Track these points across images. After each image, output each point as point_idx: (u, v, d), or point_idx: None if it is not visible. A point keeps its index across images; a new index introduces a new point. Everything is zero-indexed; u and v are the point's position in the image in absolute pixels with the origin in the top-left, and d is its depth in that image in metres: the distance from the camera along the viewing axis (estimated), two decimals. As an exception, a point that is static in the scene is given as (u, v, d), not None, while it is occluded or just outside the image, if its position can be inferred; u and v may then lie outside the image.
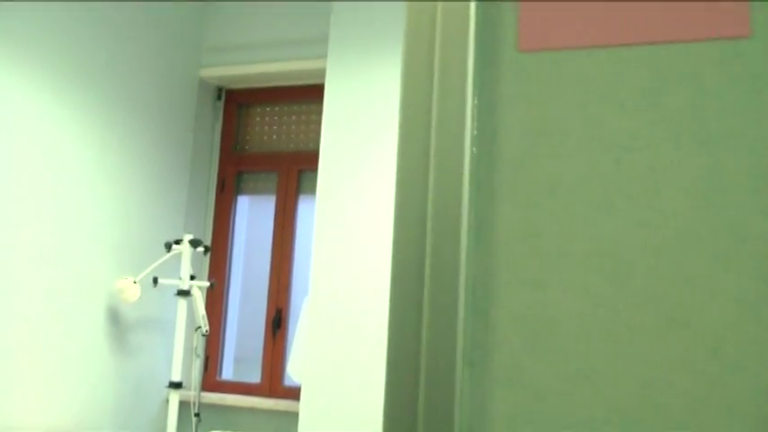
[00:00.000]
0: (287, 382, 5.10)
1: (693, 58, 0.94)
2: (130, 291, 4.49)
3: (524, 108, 0.95)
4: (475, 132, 0.96)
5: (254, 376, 5.21)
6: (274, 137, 5.38)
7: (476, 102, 0.96)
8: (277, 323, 5.14)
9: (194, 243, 4.62)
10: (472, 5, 0.96)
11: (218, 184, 5.41)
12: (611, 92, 0.95)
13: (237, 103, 5.49)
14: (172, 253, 4.62)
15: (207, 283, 4.75)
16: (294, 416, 4.80)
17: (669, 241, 0.91)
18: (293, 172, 5.28)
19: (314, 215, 4.99)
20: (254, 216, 5.52)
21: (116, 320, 4.66)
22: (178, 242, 4.64)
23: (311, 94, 5.28)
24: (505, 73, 0.96)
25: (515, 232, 0.94)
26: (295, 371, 4.88)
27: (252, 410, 5.00)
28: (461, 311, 0.94)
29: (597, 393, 0.90)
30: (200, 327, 4.64)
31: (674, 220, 0.91)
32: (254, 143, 5.44)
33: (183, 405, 4.62)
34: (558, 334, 0.92)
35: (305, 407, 4.55)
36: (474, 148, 0.95)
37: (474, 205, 0.96)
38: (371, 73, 4.62)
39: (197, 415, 4.63)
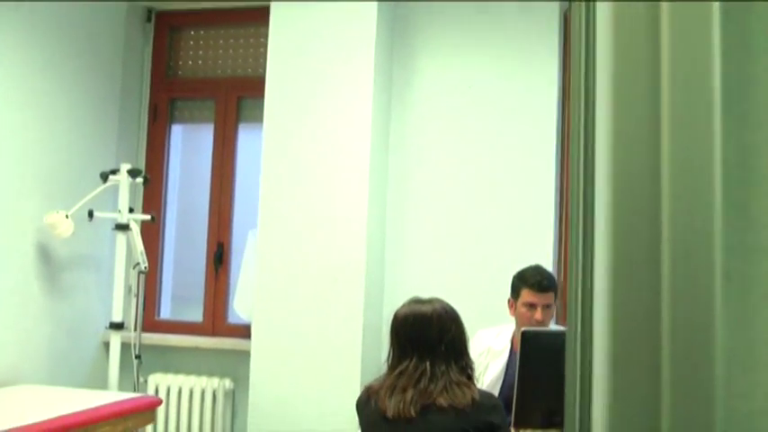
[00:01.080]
0: (231, 320, 4.86)
1: None
2: (63, 226, 4.14)
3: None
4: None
5: (195, 315, 4.94)
6: (210, 62, 5.04)
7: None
8: (219, 258, 4.88)
9: (133, 173, 4.29)
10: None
11: (150, 112, 5.05)
12: None
13: (169, 25, 5.11)
14: (108, 184, 4.28)
15: (147, 217, 4.44)
16: (240, 354, 4.58)
17: None
18: (232, 99, 4.96)
19: (254, 144, 4.72)
20: (190, 146, 5.20)
21: (47, 259, 4.32)
22: (114, 172, 4.30)
23: (250, 16, 4.94)
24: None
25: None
26: (242, 307, 4.65)
27: (195, 350, 4.75)
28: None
29: None
30: (138, 264, 4.34)
31: None
32: (189, 68, 5.09)
33: (122, 348, 4.34)
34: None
35: (256, 345, 4.33)
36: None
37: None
38: (321, -10, 4.33)
39: (138, 357, 4.36)
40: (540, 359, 2.83)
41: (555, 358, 2.91)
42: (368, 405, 2.46)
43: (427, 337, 2.42)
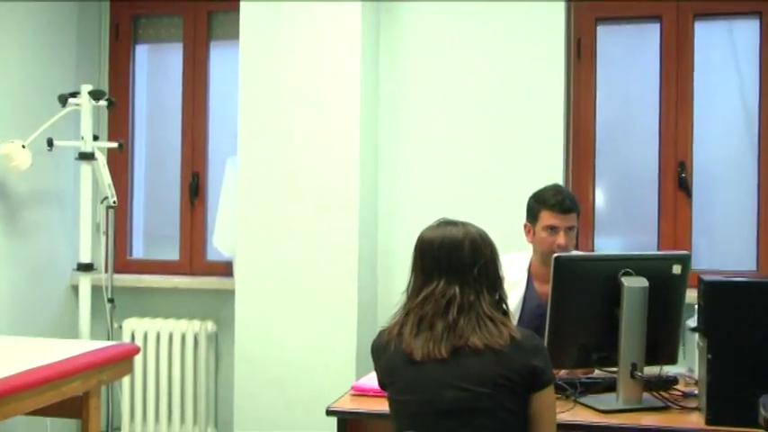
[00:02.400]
0: (210, 257, 4.47)
1: None
2: (19, 157, 3.71)
3: None
4: None
5: (170, 253, 4.53)
6: (175, -27, 4.53)
7: None
8: (194, 190, 4.46)
9: (95, 95, 3.83)
10: None
11: (111, 31, 4.56)
12: None
13: (128, -69, 4.58)
14: (68, 108, 3.82)
15: (114, 144, 4.00)
16: (222, 294, 4.19)
17: None
18: (201, 14, 4.48)
19: (229, 64, 4.29)
20: (157, 68, 4.72)
21: (4, 195, 3.89)
22: (74, 95, 3.84)
23: None
24: None
25: None
26: (222, 243, 4.25)
27: (173, 291, 4.35)
28: None
29: None
30: (106, 197, 3.92)
31: None
32: (152, -19, 4.57)
33: (93, 291, 3.93)
34: None
35: (241, 283, 3.94)
36: None
37: None
38: None
39: (110, 301, 3.97)
40: (575, 289, 2.47)
41: (592, 288, 2.56)
42: (387, 349, 2.08)
43: (458, 259, 2.05)
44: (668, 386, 2.59)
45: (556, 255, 2.47)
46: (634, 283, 2.40)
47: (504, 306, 2.09)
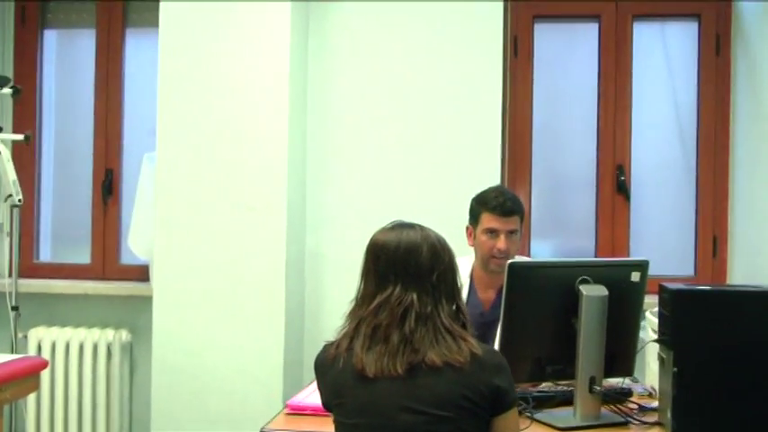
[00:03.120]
0: (124, 260, 4.17)
1: None
2: None
3: None
4: None
5: (81, 256, 4.21)
6: (87, -46, 4.21)
7: None
8: (108, 188, 4.15)
9: (-2, 82, 3.50)
10: None
11: (17, 14, 4.21)
12: None
13: None
14: (-33, 97, 3.48)
15: (19, 136, 3.67)
16: (138, 300, 3.90)
17: None
18: (117, -1, 4.18)
19: (147, 53, 4.02)
20: (67, 55, 4.38)
21: None
22: (-25, 83, 3.50)
23: None
24: None
25: None
26: (138, 245, 3.96)
27: (84, 297, 4.03)
28: None
29: None
30: (10, 195, 3.59)
31: None
32: (62, -38, 4.24)
33: (-7, 296, 3.62)
34: None
35: (158, 288, 3.66)
36: None
37: None
38: None
39: (15, 309, 3.65)
40: (529, 298, 2.30)
41: (548, 297, 2.39)
42: (334, 365, 1.87)
43: (416, 264, 1.85)
44: (623, 399, 2.45)
45: (510, 261, 2.30)
46: (593, 292, 2.25)
47: (462, 317, 1.90)
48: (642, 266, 2.37)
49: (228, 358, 3.56)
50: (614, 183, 3.90)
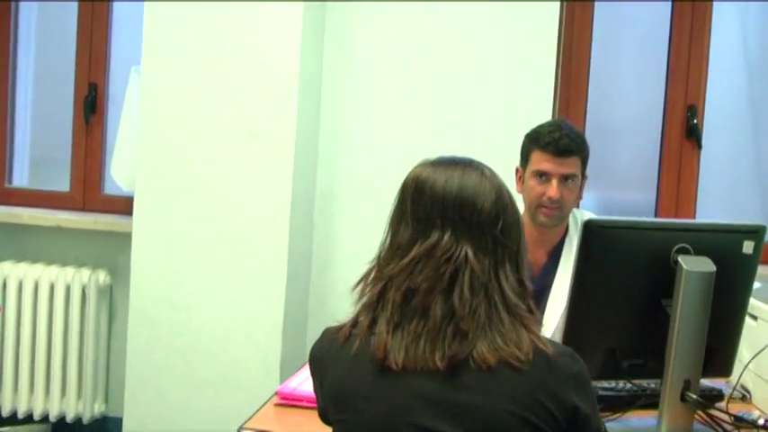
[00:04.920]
0: (108, 190, 3.61)
1: None
2: None
3: None
4: None
5: (60, 183, 3.66)
6: None
7: None
8: (91, 105, 3.57)
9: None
10: None
11: None
12: None
13: None
14: None
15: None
16: (120, 237, 3.33)
17: None
18: None
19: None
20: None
21: None
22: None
23: None
24: None
25: None
26: (121, 173, 3.40)
27: (59, 231, 3.48)
28: None
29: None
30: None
31: None
32: None
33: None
34: None
35: (139, 225, 3.09)
36: None
37: None
38: None
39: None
40: (608, 270, 1.71)
41: (633, 268, 1.77)
42: (341, 354, 1.30)
43: (474, 208, 1.29)
44: (712, 404, 1.88)
45: (586, 218, 1.70)
46: (696, 266, 1.65)
47: (527, 297, 1.32)
48: (758, 234, 1.77)
49: (219, 313, 3.02)
50: (684, 126, 3.30)
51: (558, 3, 3.12)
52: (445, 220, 1.28)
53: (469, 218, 1.28)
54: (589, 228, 1.67)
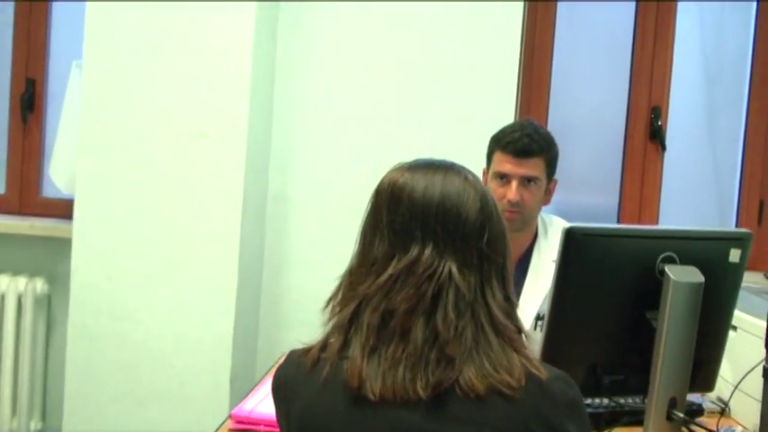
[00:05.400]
0: (46, 193, 3.40)
1: None
2: None
3: None
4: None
5: (-6, 184, 3.47)
6: None
7: None
8: (28, 103, 3.37)
9: None
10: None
11: None
12: None
13: None
14: None
15: None
16: (60, 243, 3.13)
17: None
18: None
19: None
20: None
21: None
22: None
23: None
24: None
25: None
26: (60, 174, 3.21)
27: (-8, 235, 3.27)
28: None
29: None
30: None
31: None
32: None
33: None
34: None
35: (80, 230, 2.91)
36: None
37: None
38: None
39: None
40: (590, 279, 1.59)
41: (616, 279, 1.62)
42: (310, 381, 1.16)
43: (458, 218, 1.16)
44: (696, 422, 1.78)
45: (568, 226, 1.57)
46: (684, 277, 1.54)
47: (515, 317, 1.20)
48: (744, 241, 1.67)
49: (165, 324, 2.84)
50: (648, 128, 3.23)
51: (522, 2, 3.02)
52: (426, 232, 1.15)
53: (453, 230, 1.15)
54: (571, 236, 1.55)
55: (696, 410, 1.87)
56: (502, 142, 2.24)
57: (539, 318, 2.16)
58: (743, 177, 3.29)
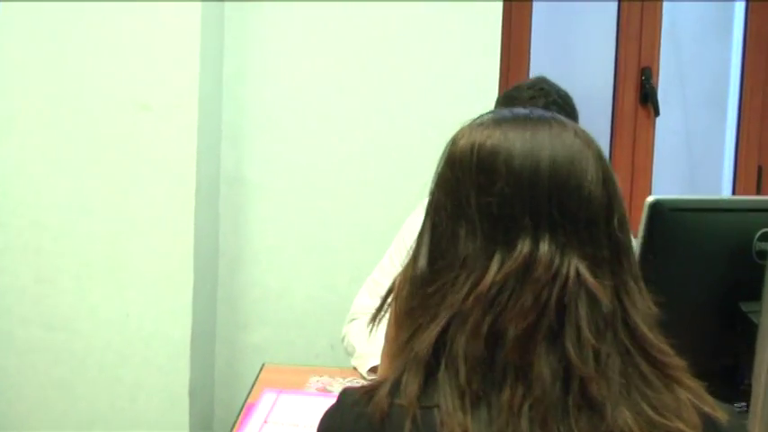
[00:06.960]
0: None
1: None
2: None
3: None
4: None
5: None
6: None
7: None
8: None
9: None
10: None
11: None
12: None
13: None
14: None
15: None
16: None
17: None
18: None
19: None
20: None
21: None
22: None
23: None
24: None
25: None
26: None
27: None
28: None
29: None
30: None
31: None
32: None
33: None
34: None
35: (1, 222, 2.47)
36: None
37: None
38: None
39: None
40: (680, 261, 1.26)
41: (702, 260, 1.33)
42: None
43: (580, 196, 0.80)
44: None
45: (651, 199, 1.24)
46: (794, 257, 1.23)
47: (659, 333, 0.85)
48: None
49: (108, 333, 2.45)
50: (638, 90, 2.95)
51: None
52: (538, 216, 0.79)
53: (575, 211, 0.79)
54: (657, 210, 1.21)
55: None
56: (518, 103, 1.88)
57: None
58: (739, 141, 3.04)
